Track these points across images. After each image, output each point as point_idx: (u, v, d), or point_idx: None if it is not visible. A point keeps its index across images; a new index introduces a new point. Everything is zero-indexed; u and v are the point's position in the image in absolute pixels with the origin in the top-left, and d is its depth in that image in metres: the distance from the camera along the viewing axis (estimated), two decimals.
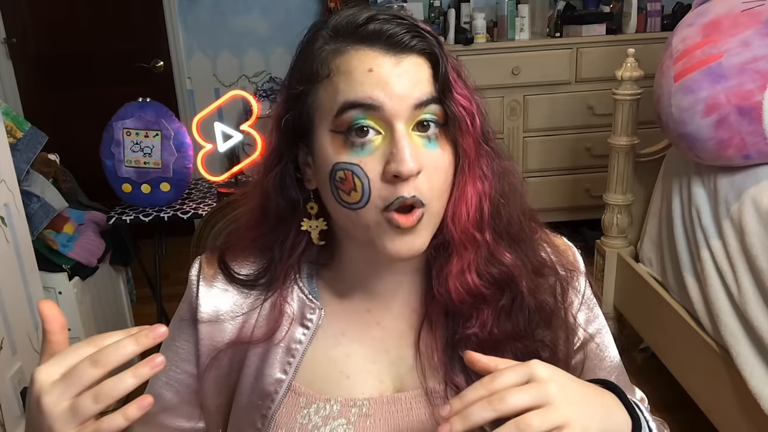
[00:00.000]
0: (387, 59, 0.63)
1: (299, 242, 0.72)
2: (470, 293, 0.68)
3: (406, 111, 0.62)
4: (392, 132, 0.62)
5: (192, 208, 2.15)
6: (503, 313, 0.70)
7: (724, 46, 1.68)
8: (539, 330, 0.71)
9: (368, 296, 0.74)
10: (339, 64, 0.64)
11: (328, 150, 0.65)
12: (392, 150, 0.62)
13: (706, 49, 1.71)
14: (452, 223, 0.67)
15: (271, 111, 0.71)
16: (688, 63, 1.74)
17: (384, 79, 0.62)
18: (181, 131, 2.15)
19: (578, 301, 0.77)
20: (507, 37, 3.25)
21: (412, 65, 0.63)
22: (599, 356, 0.79)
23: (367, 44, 0.63)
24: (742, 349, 1.59)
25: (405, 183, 0.62)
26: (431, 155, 0.64)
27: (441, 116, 0.65)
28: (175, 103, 3.55)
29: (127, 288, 2.46)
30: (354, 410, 0.70)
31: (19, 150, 1.94)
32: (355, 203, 0.64)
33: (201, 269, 0.76)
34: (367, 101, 0.62)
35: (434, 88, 0.64)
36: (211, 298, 0.74)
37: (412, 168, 0.61)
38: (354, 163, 0.63)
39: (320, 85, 0.65)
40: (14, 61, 3.44)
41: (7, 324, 1.73)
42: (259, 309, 0.73)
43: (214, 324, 0.74)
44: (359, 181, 0.63)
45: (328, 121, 0.64)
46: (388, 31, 0.63)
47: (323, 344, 0.73)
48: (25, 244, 1.86)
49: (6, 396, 1.70)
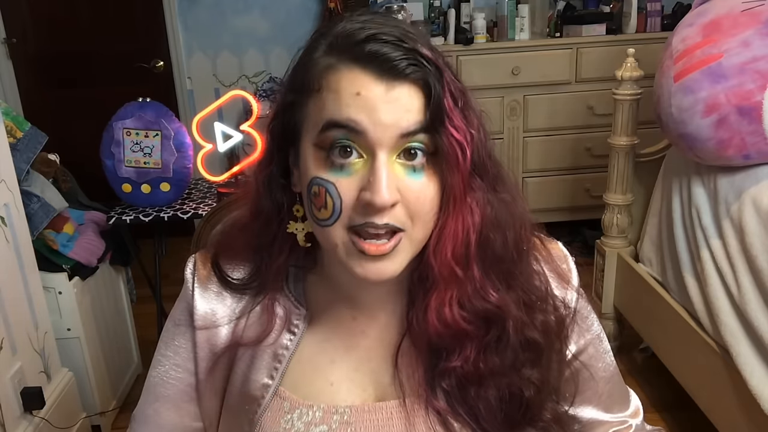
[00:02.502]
0: (377, 85, 0.60)
1: (285, 245, 0.71)
2: (449, 329, 0.66)
3: (390, 140, 0.60)
4: (373, 160, 0.60)
5: (192, 208, 2.15)
6: (489, 349, 0.68)
7: (724, 46, 1.68)
8: (526, 369, 0.69)
9: (354, 305, 0.73)
10: (330, 82, 0.62)
11: (309, 163, 0.64)
12: (370, 178, 0.60)
13: (706, 49, 1.71)
14: (433, 256, 0.65)
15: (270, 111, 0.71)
16: (688, 63, 1.74)
17: (371, 105, 0.60)
18: (181, 131, 2.15)
19: (570, 321, 0.74)
20: (507, 37, 3.25)
21: (403, 94, 0.60)
22: (593, 366, 0.78)
23: (360, 65, 0.61)
24: (742, 349, 1.59)
25: (379, 213, 0.60)
26: (414, 185, 0.62)
27: (429, 145, 0.62)
28: (175, 103, 3.55)
29: (127, 288, 2.46)
30: (336, 417, 0.70)
31: (19, 150, 1.94)
32: (324, 220, 0.63)
33: (195, 269, 0.76)
34: (350, 124, 0.60)
35: (425, 117, 0.61)
36: (206, 301, 0.74)
37: (386, 201, 0.59)
38: (330, 181, 0.62)
39: (310, 98, 0.64)
40: (14, 61, 3.44)
41: (7, 324, 1.73)
42: (249, 313, 0.73)
43: (211, 330, 0.74)
44: (331, 200, 0.62)
45: (313, 135, 0.63)
46: (385, 55, 0.60)
47: (308, 350, 0.73)
48: (25, 244, 1.86)
49: (6, 396, 1.70)
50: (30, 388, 1.78)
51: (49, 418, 1.84)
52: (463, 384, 0.69)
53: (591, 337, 0.78)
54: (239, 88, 3.21)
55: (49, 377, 1.92)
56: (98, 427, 2.15)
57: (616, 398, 0.83)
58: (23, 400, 1.77)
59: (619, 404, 0.83)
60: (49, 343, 1.94)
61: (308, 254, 0.74)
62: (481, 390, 0.69)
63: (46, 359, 1.91)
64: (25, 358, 1.80)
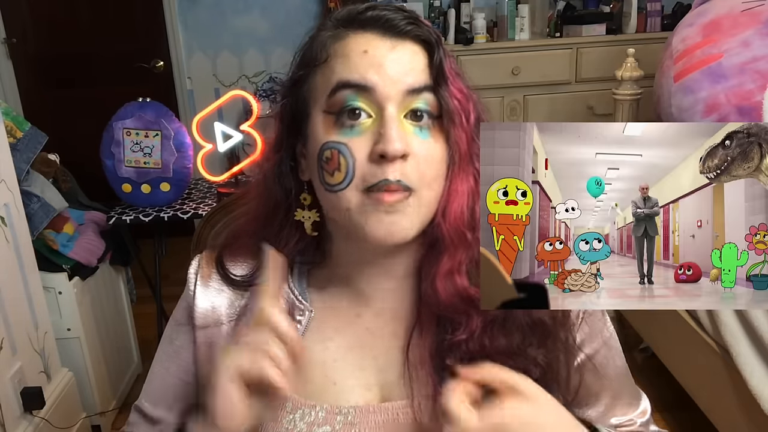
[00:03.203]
0: (382, 42, 0.64)
1: (291, 235, 0.71)
2: (459, 294, 0.66)
3: (398, 95, 0.63)
4: (382, 114, 0.62)
5: (192, 208, 2.15)
6: (496, 325, 0.67)
7: (724, 46, 1.68)
8: (532, 348, 0.68)
9: (359, 301, 0.73)
10: (337, 48, 0.65)
11: (319, 130, 0.65)
12: (380, 131, 0.62)
13: (706, 49, 1.71)
14: (443, 219, 0.66)
15: (271, 111, 0.71)
16: (688, 63, 1.75)
17: (378, 61, 0.63)
18: (181, 131, 2.15)
19: (577, 316, 0.73)
20: (507, 37, 3.25)
21: (408, 51, 0.64)
22: (602, 370, 0.76)
23: (365, 29, 0.65)
24: (742, 349, 1.59)
25: (391, 165, 0.62)
26: (422, 144, 0.64)
27: (435, 108, 0.65)
28: (175, 103, 3.55)
29: (127, 288, 2.46)
30: (339, 418, 0.69)
31: (19, 150, 1.94)
32: (337, 184, 0.63)
33: (199, 267, 0.76)
34: (360, 82, 0.63)
35: (429, 77, 0.64)
36: (206, 297, 0.74)
37: (398, 148, 0.61)
38: (342, 143, 0.63)
39: (318, 69, 0.66)
40: (14, 61, 3.44)
41: (7, 324, 1.73)
42: (250, 312, 0.72)
43: (211, 328, 0.73)
44: (344, 161, 0.63)
45: (322, 102, 0.65)
46: (386, 16, 0.64)
47: (311, 348, 0.71)
48: (25, 244, 1.86)
49: (6, 396, 1.70)
50: (30, 388, 1.78)
51: (49, 418, 1.84)
52: (469, 364, 0.67)
53: (605, 338, 0.76)
54: (239, 88, 3.21)
55: (49, 377, 1.92)
56: (98, 427, 2.15)
57: (626, 400, 0.81)
58: (23, 400, 1.77)
59: (627, 406, 0.81)
60: (49, 343, 1.94)
61: (316, 249, 0.74)
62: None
63: (46, 359, 1.91)
64: (25, 358, 1.80)
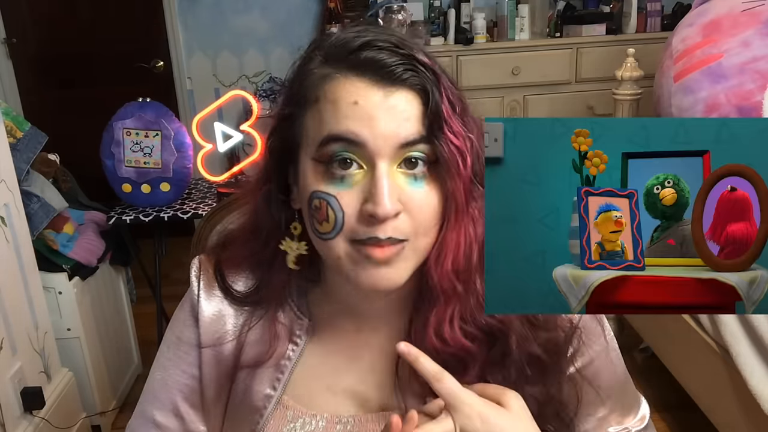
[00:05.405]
0: (375, 92, 0.60)
1: (285, 262, 0.70)
2: (449, 347, 0.65)
3: (390, 150, 0.60)
4: (374, 170, 0.60)
5: (192, 208, 2.15)
6: (494, 365, 0.67)
7: (724, 46, 1.68)
8: (529, 386, 0.67)
9: (357, 318, 0.73)
10: (326, 92, 0.62)
11: (309, 177, 0.63)
12: (371, 189, 0.60)
13: (706, 49, 1.72)
14: (434, 268, 0.64)
15: (271, 111, 0.70)
16: (688, 63, 1.75)
17: (369, 114, 0.59)
18: (181, 131, 2.15)
19: (571, 337, 0.72)
20: (507, 37, 3.25)
21: (402, 100, 0.60)
22: (599, 379, 0.75)
23: (356, 73, 0.61)
24: (742, 349, 1.59)
25: (381, 224, 0.60)
26: (416, 194, 0.61)
27: (430, 154, 0.61)
28: (175, 103, 3.55)
29: (127, 288, 2.46)
30: (339, 427, 0.70)
31: (19, 150, 1.94)
32: (326, 233, 0.62)
33: (200, 271, 0.76)
34: (349, 136, 0.60)
35: (423, 126, 0.61)
36: (211, 304, 0.74)
37: (389, 211, 0.59)
38: (331, 194, 0.61)
39: (308, 110, 0.64)
40: (14, 61, 3.44)
41: (7, 324, 1.73)
42: (251, 329, 0.73)
43: (217, 334, 0.73)
44: (332, 213, 0.61)
45: (312, 149, 0.63)
46: (381, 61, 0.60)
47: (311, 360, 0.72)
48: (25, 244, 1.86)
49: (6, 396, 1.70)
50: (30, 388, 1.78)
51: (49, 418, 1.84)
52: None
53: (598, 350, 0.75)
54: (239, 88, 3.21)
55: (49, 377, 1.92)
56: (98, 427, 2.15)
57: (625, 407, 0.80)
58: (23, 400, 1.77)
59: (625, 414, 0.81)
60: (49, 343, 1.94)
61: (311, 268, 0.73)
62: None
63: (46, 359, 1.91)
64: (25, 358, 1.80)
